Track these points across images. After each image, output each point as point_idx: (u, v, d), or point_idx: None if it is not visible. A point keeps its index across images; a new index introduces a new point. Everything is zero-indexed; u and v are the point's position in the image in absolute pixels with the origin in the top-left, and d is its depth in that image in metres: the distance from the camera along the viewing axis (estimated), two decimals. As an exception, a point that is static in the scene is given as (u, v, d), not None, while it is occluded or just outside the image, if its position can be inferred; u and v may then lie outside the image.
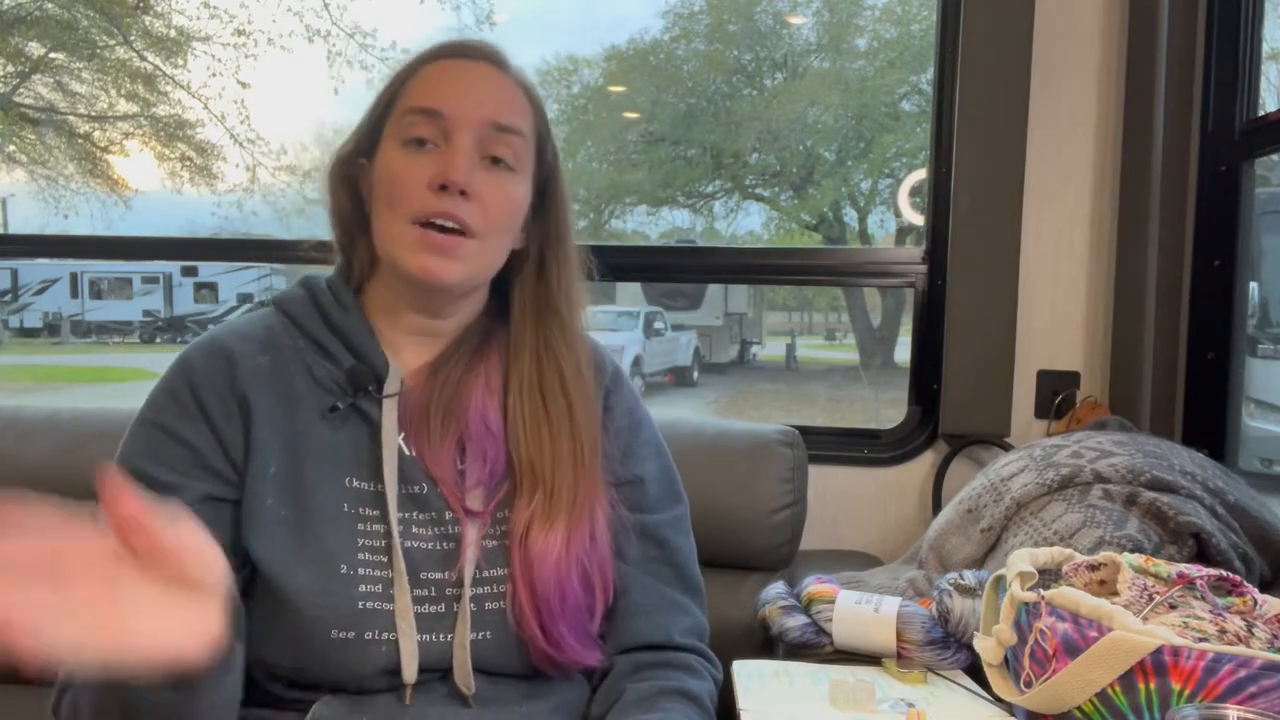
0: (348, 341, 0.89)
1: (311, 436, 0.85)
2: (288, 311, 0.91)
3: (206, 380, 0.85)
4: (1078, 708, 0.70)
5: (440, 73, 0.88)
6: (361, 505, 0.84)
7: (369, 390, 0.87)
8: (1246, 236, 1.32)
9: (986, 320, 1.50)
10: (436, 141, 0.85)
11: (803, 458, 1.36)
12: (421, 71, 0.88)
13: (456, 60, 0.88)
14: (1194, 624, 0.71)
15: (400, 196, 0.84)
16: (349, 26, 8.86)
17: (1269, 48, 1.39)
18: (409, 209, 0.84)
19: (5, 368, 12.53)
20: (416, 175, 0.84)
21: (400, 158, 0.85)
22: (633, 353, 10.21)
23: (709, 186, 12.23)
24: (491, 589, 0.85)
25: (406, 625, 0.81)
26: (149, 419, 0.85)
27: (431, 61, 0.89)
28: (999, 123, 1.47)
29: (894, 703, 0.88)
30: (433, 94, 0.86)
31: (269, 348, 0.88)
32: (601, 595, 0.89)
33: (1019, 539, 1.11)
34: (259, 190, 9.46)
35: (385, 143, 0.87)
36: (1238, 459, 1.40)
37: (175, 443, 0.83)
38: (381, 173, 0.87)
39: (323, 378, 0.87)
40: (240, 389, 0.84)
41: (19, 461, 1.37)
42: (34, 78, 9.24)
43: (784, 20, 11.44)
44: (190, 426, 0.83)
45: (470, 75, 0.88)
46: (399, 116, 0.87)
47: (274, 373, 0.86)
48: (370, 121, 0.90)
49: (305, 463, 0.84)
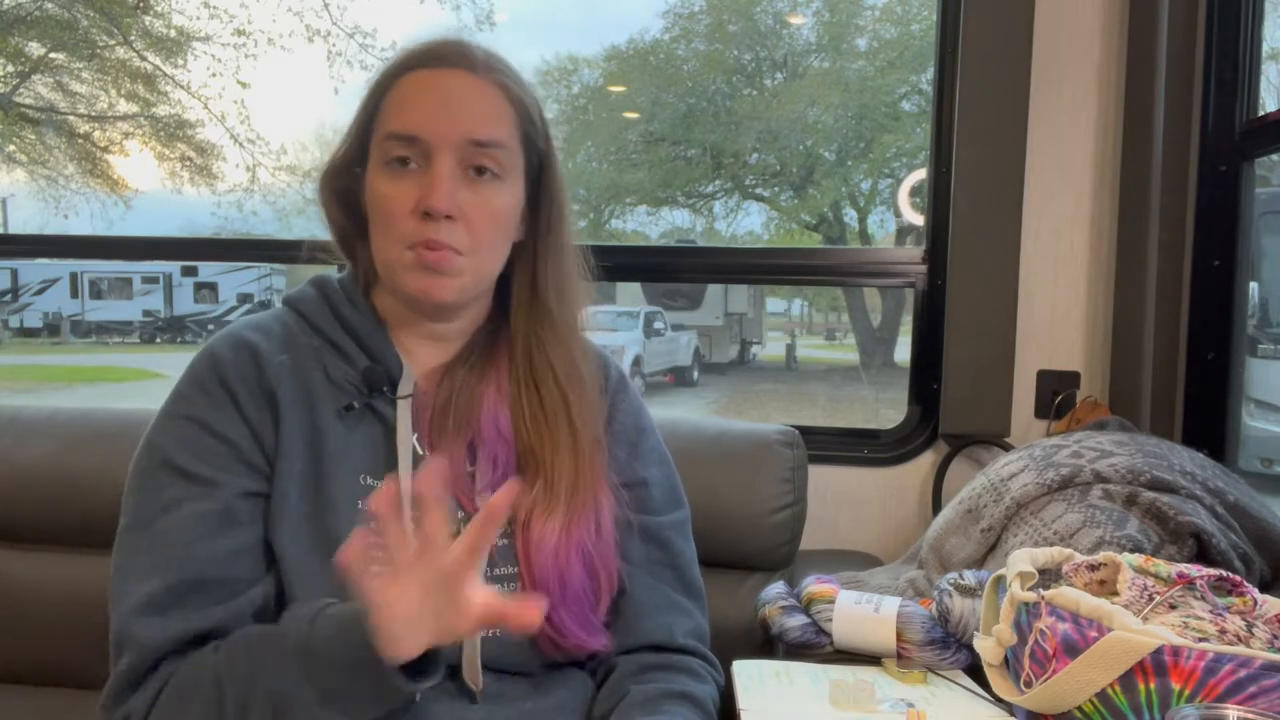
0: (362, 342, 0.89)
1: (329, 434, 0.85)
2: (301, 311, 0.91)
3: (236, 373, 0.85)
4: (1078, 708, 0.70)
5: (415, 89, 0.86)
6: None
7: (383, 391, 0.88)
8: (1246, 236, 1.32)
9: (986, 320, 1.50)
10: (418, 161, 0.85)
11: (803, 458, 1.36)
12: (397, 85, 0.87)
13: (429, 71, 0.86)
14: (1194, 624, 0.71)
15: (389, 221, 0.85)
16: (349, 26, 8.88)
17: (1269, 48, 1.39)
18: (399, 234, 0.85)
19: (5, 368, 12.52)
20: (401, 201, 0.84)
21: (384, 181, 0.86)
22: (633, 353, 10.21)
23: (709, 186, 12.24)
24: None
25: None
26: (181, 413, 0.85)
27: (406, 72, 0.87)
28: (999, 122, 1.47)
29: (894, 703, 0.87)
30: (409, 117, 0.85)
31: (288, 346, 0.88)
32: (607, 583, 0.89)
33: (1019, 539, 1.11)
34: (259, 190, 9.47)
35: (371, 160, 0.87)
36: (1238, 459, 1.40)
37: (212, 436, 0.83)
38: (370, 193, 0.87)
39: (338, 377, 0.88)
40: (268, 384, 0.85)
41: (19, 461, 1.37)
42: (34, 78, 9.24)
43: (784, 20, 11.45)
44: (226, 420, 0.84)
45: (444, 89, 0.86)
46: (380, 139, 0.86)
47: (295, 370, 0.87)
48: (356, 134, 0.90)
49: (324, 460, 0.85)
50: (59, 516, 1.34)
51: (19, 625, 1.35)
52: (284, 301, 0.94)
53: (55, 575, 1.34)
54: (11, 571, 1.37)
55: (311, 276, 0.95)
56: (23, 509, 1.36)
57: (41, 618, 1.33)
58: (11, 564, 1.37)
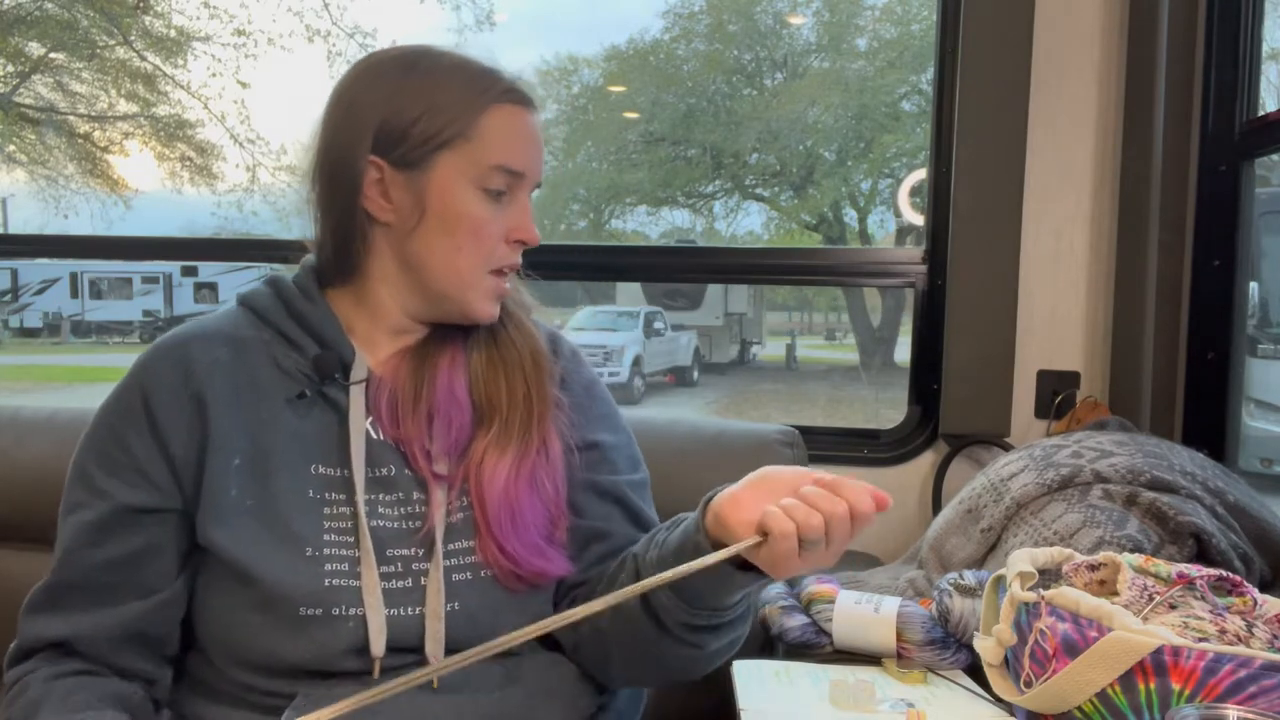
0: (313, 331, 0.90)
1: (276, 425, 0.87)
2: (253, 306, 0.93)
3: (158, 384, 0.87)
4: (1078, 708, 0.70)
5: (516, 125, 0.89)
6: (328, 490, 0.86)
7: (335, 378, 0.89)
8: (1246, 236, 1.32)
9: (986, 320, 1.50)
10: (507, 192, 0.89)
11: (803, 458, 1.36)
12: (495, 113, 0.87)
13: (523, 110, 0.90)
14: (1194, 624, 0.71)
15: (479, 242, 0.88)
16: (349, 26, 8.87)
17: (1269, 48, 1.39)
18: (488, 258, 0.89)
19: (5, 368, 12.53)
20: (497, 228, 0.89)
21: (480, 205, 0.87)
22: (633, 353, 10.20)
23: (709, 186, 12.24)
24: (459, 560, 0.86)
25: (374, 600, 0.83)
26: (102, 419, 0.89)
27: (502, 101, 0.88)
28: (999, 123, 1.47)
29: (894, 703, 0.88)
30: (518, 153, 0.89)
31: (232, 341, 0.90)
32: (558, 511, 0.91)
33: (1019, 539, 1.11)
34: (259, 190, 9.46)
35: (449, 173, 0.86)
36: (1238, 459, 1.40)
37: (117, 447, 0.86)
38: (448, 205, 0.86)
39: (288, 366, 0.89)
40: (194, 387, 0.86)
41: (19, 461, 1.37)
42: (34, 78, 9.23)
43: (784, 20, 11.44)
44: (135, 435, 0.86)
45: (533, 130, 0.91)
46: (476, 161, 0.86)
47: (235, 365, 0.88)
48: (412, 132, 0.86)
49: (270, 452, 0.86)
50: (57, 517, 1.33)
51: (19, 625, 1.35)
52: (237, 299, 0.95)
53: (55, 575, 1.34)
54: (12, 571, 1.37)
55: (266, 276, 0.96)
56: (23, 509, 1.36)
57: (41, 618, 1.33)
58: (11, 564, 1.37)
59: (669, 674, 0.90)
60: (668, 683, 0.93)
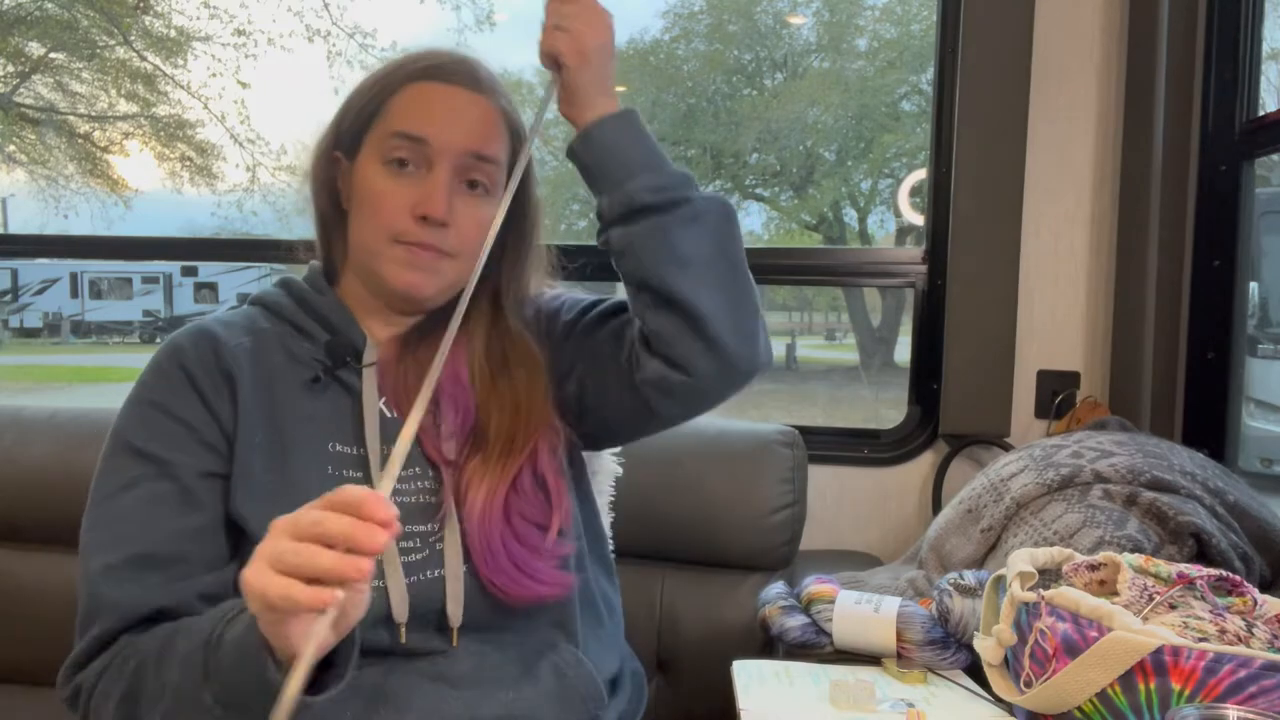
0: (324, 320, 0.93)
1: (294, 408, 0.89)
2: (265, 303, 0.96)
3: (195, 358, 0.89)
4: (1078, 708, 0.70)
5: (425, 96, 0.91)
6: (345, 468, 0.88)
7: (348, 362, 0.91)
8: (1246, 236, 1.32)
9: (986, 320, 1.50)
10: (418, 164, 0.89)
11: (803, 458, 1.37)
12: (407, 90, 0.91)
13: (440, 84, 0.91)
14: (1194, 624, 0.71)
15: (381, 216, 0.89)
16: (349, 26, 8.85)
17: (1269, 48, 1.39)
18: (391, 230, 0.89)
19: (5, 368, 12.52)
20: (399, 199, 0.88)
21: (382, 177, 0.89)
22: (633, 352, 10.16)
23: (709, 186, 12.22)
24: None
25: (394, 569, 0.84)
26: (143, 399, 0.89)
27: (416, 80, 0.91)
28: (999, 123, 1.48)
29: (894, 703, 0.88)
30: (417, 120, 0.89)
31: (251, 331, 0.93)
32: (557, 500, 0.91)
33: (1019, 539, 1.11)
34: (259, 190, 9.45)
35: (367, 153, 0.91)
36: (1238, 459, 1.40)
37: (170, 419, 0.87)
38: (362, 184, 0.91)
39: (301, 355, 0.92)
40: (225, 365, 0.88)
41: (19, 461, 1.37)
42: (34, 78, 9.23)
43: (784, 20, 11.44)
44: (183, 403, 0.87)
45: (453, 101, 0.91)
46: (383, 134, 0.90)
47: (256, 351, 0.91)
48: (351, 123, 0.93)
49: (288, 432, 0.88)
50: (59, 516, 1.33)
51: (19, 625, 1.36)
52: (250, 299, 0.98)
53: (55, 575, 1.34)
54: (12, 571, 1.37)
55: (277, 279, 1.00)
56: (23, 509, 1.36)
57: (42, 618, 1.33)
58: (12, 564, 1.37)
59: (689, 274, 0.92)
60: (725, 297, 1.00)
